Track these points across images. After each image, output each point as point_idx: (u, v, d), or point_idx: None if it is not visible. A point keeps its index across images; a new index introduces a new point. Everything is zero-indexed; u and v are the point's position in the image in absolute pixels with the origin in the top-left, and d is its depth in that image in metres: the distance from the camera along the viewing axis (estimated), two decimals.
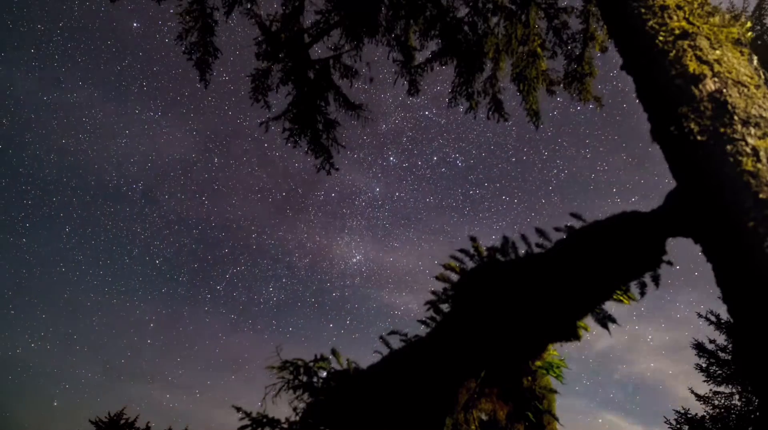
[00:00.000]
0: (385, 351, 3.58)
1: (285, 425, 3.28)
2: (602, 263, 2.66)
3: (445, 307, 3.95)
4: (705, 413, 12.40)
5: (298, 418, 3.29)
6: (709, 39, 2.10)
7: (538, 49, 6.55)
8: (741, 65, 2.02)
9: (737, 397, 12.30)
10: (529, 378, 3.84)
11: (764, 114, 1.78)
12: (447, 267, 3.99)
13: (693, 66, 1.99)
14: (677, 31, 2.14)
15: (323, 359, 3.62)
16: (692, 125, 1.87)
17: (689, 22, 2.16)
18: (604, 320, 3.46)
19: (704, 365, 12.83)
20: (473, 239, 3.97)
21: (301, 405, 3.39)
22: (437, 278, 4.03)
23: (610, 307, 3.48)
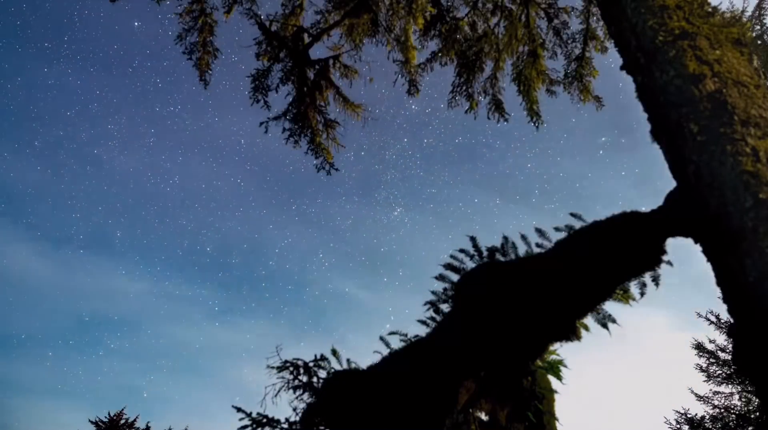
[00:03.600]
0: (385, 351, 3.58)
1: (285, 425, 3.28)
2: (602, 263, 2.65)
3: (445, 307, 3.95)
4: (705, 413, 12.40)
5: (298, 418, 3.29)
6: (709, 39, 2.09)
7: (538, 49, 6.55)
8: (741, 65, 2.01)
9: (737, 397, 12.30)
10: (529, 378, 3.84)
11: (764, 114, 1.78)
12: (447, 267, 3.99)
13: (693, 66, 1.99)
14: (677, 31, 2.14)
15: (323, 358, 3.62)
16: (692, 125, 1.87)
17: (689, 22, 2.16)
18: (604, 320, 3.46)
19: (704, 365, 12.82)
20: (473, 239, 3.97)
21: (301, 405, 3.38)
22: (437, 278, 4.03)
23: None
